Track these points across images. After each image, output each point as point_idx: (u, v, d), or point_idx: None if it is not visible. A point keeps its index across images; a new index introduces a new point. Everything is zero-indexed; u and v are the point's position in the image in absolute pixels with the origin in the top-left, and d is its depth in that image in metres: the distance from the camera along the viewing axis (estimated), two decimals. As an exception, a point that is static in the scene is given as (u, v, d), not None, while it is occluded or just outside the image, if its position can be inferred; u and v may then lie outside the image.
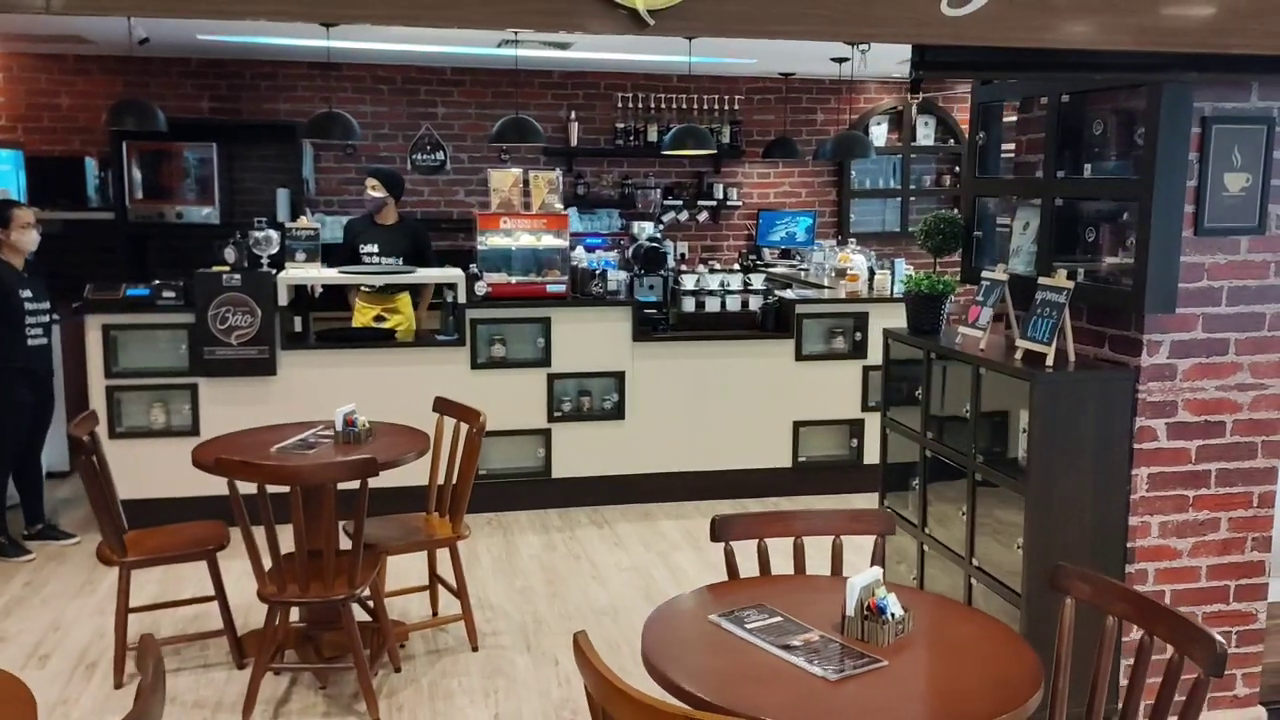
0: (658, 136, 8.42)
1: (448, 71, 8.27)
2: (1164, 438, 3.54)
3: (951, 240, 4.18)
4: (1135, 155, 3.45)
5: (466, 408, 4.40)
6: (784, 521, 3.13)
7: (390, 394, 5.74)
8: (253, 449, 4.08)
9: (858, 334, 6.48)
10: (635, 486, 6.31)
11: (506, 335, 6.13)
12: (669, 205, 8.51)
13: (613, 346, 6.19)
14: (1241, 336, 3.55)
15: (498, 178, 6.18)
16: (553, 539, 5.77)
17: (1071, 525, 3.47)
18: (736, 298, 6.47)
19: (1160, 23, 2.93)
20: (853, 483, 6.54)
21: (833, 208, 8.96)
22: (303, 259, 5.93)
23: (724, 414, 6.35)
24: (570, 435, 6.22)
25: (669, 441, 6.31)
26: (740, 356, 6.34)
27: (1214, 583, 3.66)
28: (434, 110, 8.30)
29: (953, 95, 9.01)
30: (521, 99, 8.31)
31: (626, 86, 8.46)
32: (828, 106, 8.84)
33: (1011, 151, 4.14)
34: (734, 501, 6.37)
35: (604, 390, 6.28)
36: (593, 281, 6.18)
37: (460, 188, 8.41)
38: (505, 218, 6.15)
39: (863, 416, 6.53)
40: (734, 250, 8.80)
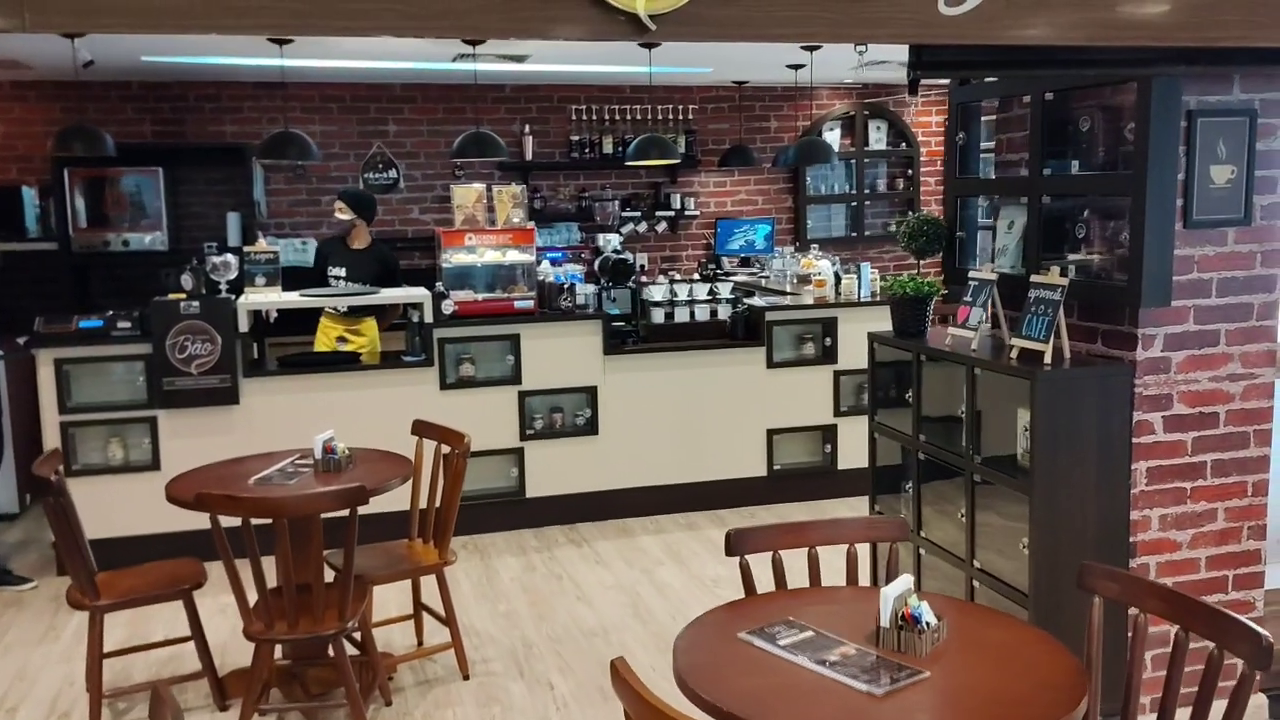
0: (613, 148, 8.36)
1: (397, 88, 8.13)
2: (1161, 431, 3.54)
3: (935, 242, 4.17)
4: (1124, 150, 3.46)
5: (448, 429, 4.28)
6: (798, 532, 3.07)
7: (360, 418, 5.60)
8: (230, 482, 3.93)
9: (827, 339, 6.47)
10: (611, 502, 6.22)
11: (475, 354, 6.01)
12: (627, 217, 8.44)
13: (583, 361, 6.10)
14: (1231, 327, 3.57)
15: (461, 194, 6.06)
16: (532, 560, 5.65)
17: (1075, 523, 3.46)
18: (705, 307, 6.42)
19: (1151, 18, 2.93)
20: (829, 489, 6.52)
21: (789, 214, 8.96)
22: (262, 283, 5.75)
23: (698, 425, 6.29)
24: (543, 453, 6.11)
25: (643, 455, 6.23)
26: (712, 366, 6.29)
27: (1213, 573, 3.68)
28: (385, 128, 8.15)
29: (904, 100, 9.08)
30: (474, 114, 8.19)
31: (580, 99, 8.39)
32: (781, 114, 8.85)
33: (992, 151, 4.14)
34: (711, 513, 6.32)
35: (576, 406, 6.18)
36: (561, 296, 6.09)
37: (414, 205, 8.27)
38: (470, 234, 6.03)
39: (835, 422, 6.52)
40: (693, 260, 8.76)
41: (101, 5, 2.19)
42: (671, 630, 4.68)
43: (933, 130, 9.21)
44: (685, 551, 5.69)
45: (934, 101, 9.17)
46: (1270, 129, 3.50)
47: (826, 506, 6.42)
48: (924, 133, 9.16)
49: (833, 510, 6.34)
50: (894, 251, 9.23)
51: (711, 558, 5.58)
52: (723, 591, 5.11)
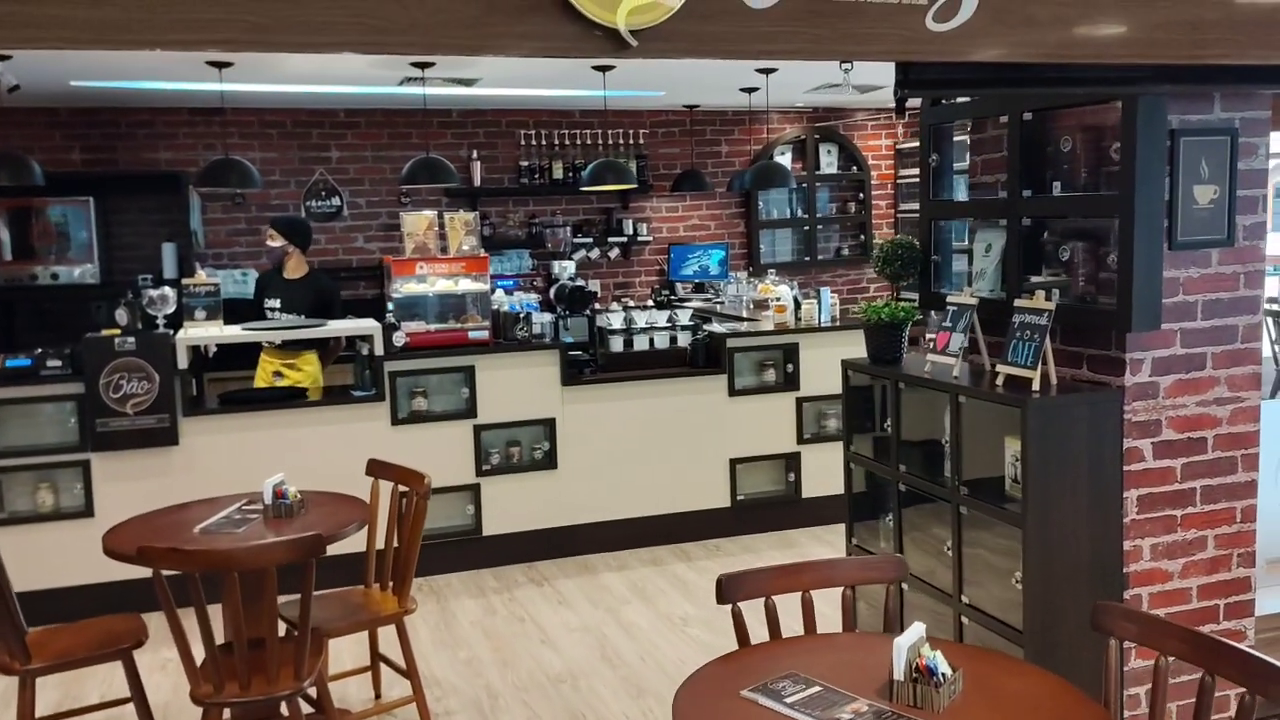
0: (564, 173, 8.20)
1: (340, 114, 7.90)
2: (1150, 458, 3.45)
3: (910, 266, 4.06)
4: (1108, 171, 3.38)
5: (406, 470, 4.06)
6: (791, 575, 2.90)
7: (309, 457, 5.35)
8: (173, 532, 3.66)
9: (789, 366, 6.35)
10: (571, 538, 6.01)
11: (428, 387, 5.78)
12: (579, 243, 8.28)
13: (541, 392, 5.91)
14: (1217, 350, 3.50)
15: (411, 221, 5.85)
16: (491, 602, 5.42)
17: (1069, 555, 3.34)
18: (664, 334, 6.27)
19: (1138, 34, 2.85)
20: (793, 518, 6.39)
21: (742, 239, 8.87)
22: (203, 317, 5.48)
23: (659, 456, 6.12)
24: (500, 489, 5.89)
25: (604, 489, 6.04)
26: (672, 395, 6.13)
27: (1204, 603, 3.58)
28: (327, 154, 7.90)
29: (853, 123, 9.06)
30: (420, 139, 7.99)
31: (529, 123, 8.23)
32: (732, 138, 8.77)
33: (965, 172, 4.05)
34: (675, 547, 6.14)
35: (534, 439, 5.98)
36: (517, 325, 5.89)
37: (359, 234, 8.02)
38: (421, 263, 5.81)
39: (799, 449, 6.39)
40: (646, 286, 8.61)
41: (38, 17, 1.97)
42: (642, 673, 4.50)
43: (882, 154, 9.19)
44: (651, 589, 5.50)
45: (883, 125, 9.16)
46: (1251, 148, 3.44)
47: (792, 537, 6.28)
48: (874, 156, 9.14)
49: (798, 541, 6.21)
50: (846, 275, 9.18)
51: (679, 595, 5.40)
52: (693, 631, 4.93)
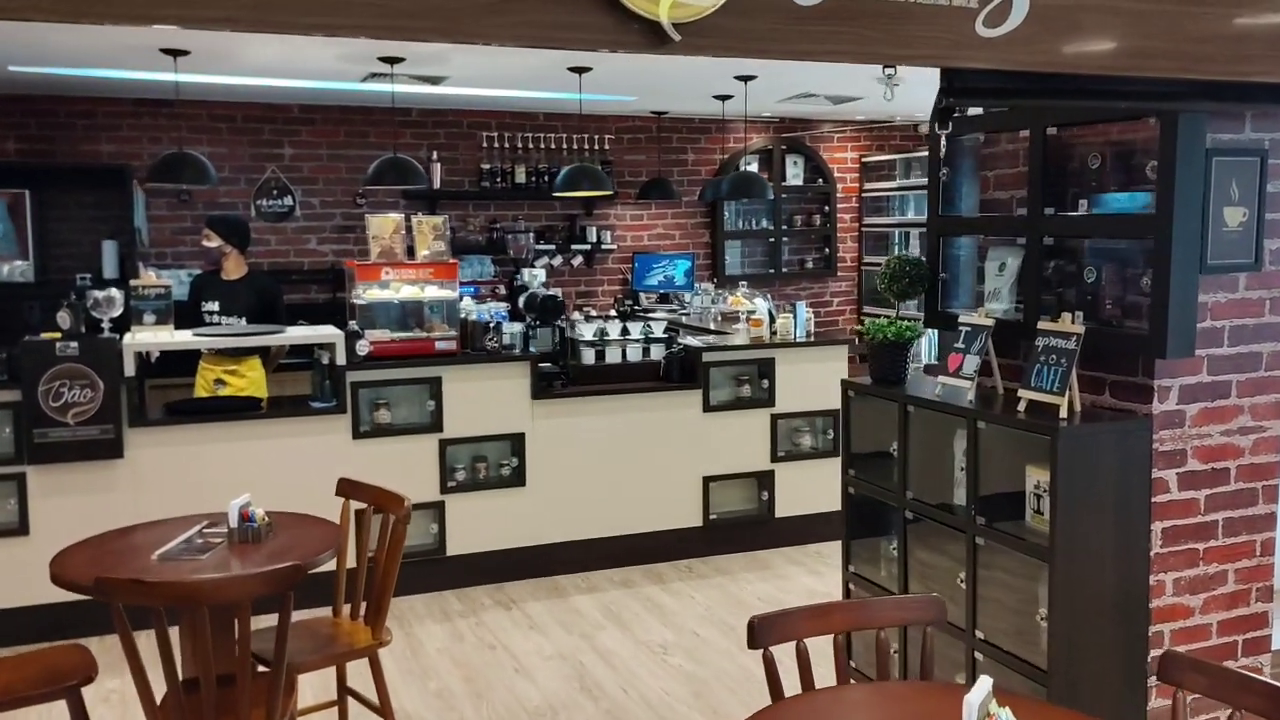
0: (527, 178, 7.95)
1: (295, 109, 7.55)
2: (1175, 489, 3.32)
3: (919, 284, 3.89)
4: (1137, 190, 3.24)
5: (383, 491, 3.78)
6: (824, 616, 2.69)
7: (265, 472, 5.04)
8: (128, 557, 3.35)
9: (764, 381, 6.17)
10: (540, 558, 5.76)
11: (392, 399, 5.49)
12: (542, 250, 8.02)
13: (510, 406, 5.65)
14: (1242, 378, 3.38)
15: (377, 224, 5.55)
16: (458, 627, 5.14)
17: (1095, 590, 3.19)
18: (637, 347, 6.04)
19: (1184, 48, 2.72)
20: (766, 538, 6.21)
21: (706, 249, 8.69)
22: (152, 321, 5.12)
23: (631, 473, 5.89)
24: (466, 507, 5.62)
25: (574, 507, 5.80)
26: (646, 410, 5.91)
27: (1224, 639, 3.47)
28: (280, 151, 7.55)
29: (820, 135, 8.94)
30: (378, 139, 7.69)
31: (491, 125, 7.96)
32: (699, 146, 8.59)
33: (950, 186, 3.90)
34: (646, 568, 5.92)
35: (501, 454, 5.71)
36: (486, 335, 5.62)
37: (312, 235, 7.67)
38: (387, 268, 5.52)
39: (773, 468, 6.21)
40: (609, 296, 8.38)
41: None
42: (625, 706, 4.26)
43: (847, 167, 9.09)
44: (626, 613, 5.27)
45: (849, 138, 9.06)
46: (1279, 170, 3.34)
47: (765, 558, 6.09)
48: (839, 169, 9.03)
49: (772, 562, 6.03)
50: (811, 288, 9.06)
51: (655, 620, 5.18)
52: (674, 660, 4.71)
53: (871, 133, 9.08)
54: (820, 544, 6.32)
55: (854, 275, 9.20)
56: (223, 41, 5.09)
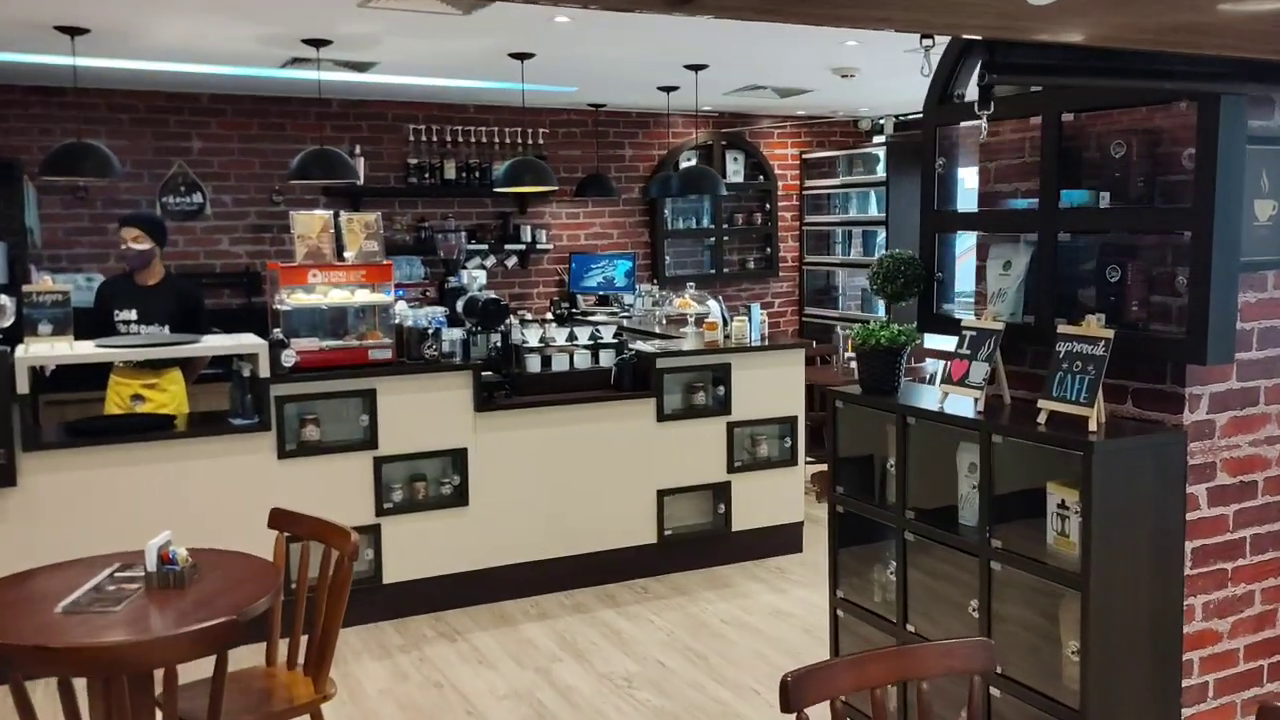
0: (457, 174, 7.49)
1: (203, 98, 6.97)
2: (1205, 505, 3.07)
3: (914, 284, 3.58)
4: (1167, 180, 2.98)
5: (327, 524, 3.33)
6: (860, 668, 2.34)
7: (181, 500, 4.55)
8: (25, 612, 2.85)
9: (720, 388, 5.83)
10: (485, 583, 5.33)
11: (321, 414, 5.00)
12: (473, 250, 7.57)
13: (451, 419, 5.21)
14: (1270, 384, 3.14)
15: (303, 222, 5.06)
16: (399, 664, 4.69)
17: (1130, 620, 2.91)
18: (586, 354, 5.65)
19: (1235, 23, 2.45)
20: (722, 554, 5.88)
21: (645, 249, 8.33)
22: (49, 331, 4.56)
23: (582, 488, 5.50)
24: (404, 529, 5.16)
25: (520, 526, 5.38)
26: (597, 421, 5.52)
27: (1250, 664, 3.22)
28: (188, 144, 6.97)
29: (760, 130, 8.65)
30: (296, 131, 7.16)
31: (418, 118, 7.48)
32: (636, 141, 8.23)
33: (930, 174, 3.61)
34: (599, 590, 5.53)
35: (442, 472, 5.27)
36: (425, 343, 5.18)
37: (224, 235, 7.10)
38: (315, 270, 5.03)
39: (729, 479, 5.88)
40: (545, 298, 7.97)
41: None
42: (602, 756, 3.88)
43: (788, 164, 8.83)
44: (582, 642, 4.87)
45: (789, 134, 8.79)
46: (1307, 161, 3.10)
47: (723, 574, 5.76)
48: (780, 166, 8.76)
49: (731, 579, 5.69)
50: (752, 289, 8.77)
51: (615, 649, 4.79)
52: (641, 695, 4.33)
53: (812, 128, 8.84)
54: (779, 558, 6.01)
55: (795, 275, 8.94)
56: (126, 16, 4.56)
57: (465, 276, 5.72)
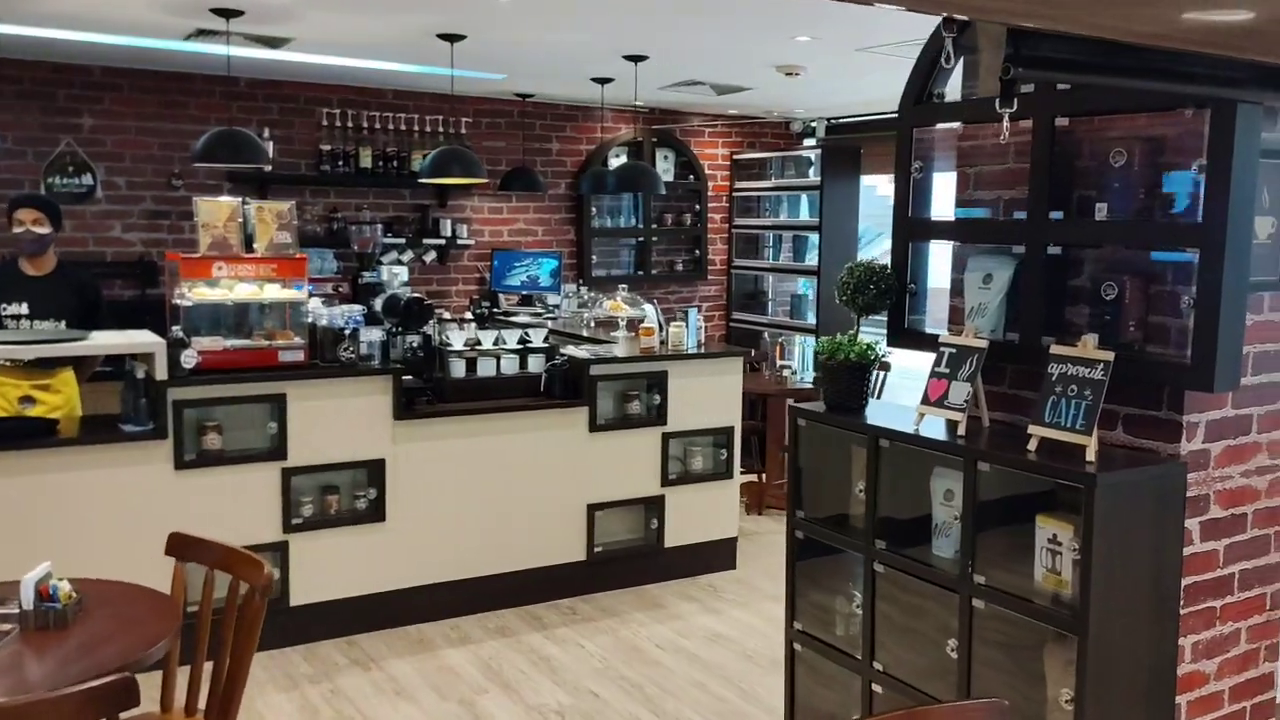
0: (373, 162, 7.05)
1: (96, 71, 6.41)
2: (1198, 540, 2.88)
3: (886, 296, 3.34)
4: (1167, 194, 2.78)
5: (236, 553, 2.94)
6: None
7: (64, 520, 4.09)
8: None
9: (656, 396, 5.54)
10: (401, 605, 4.94)
11: (225, 420, 4.56)
12: (389, 244, 7.14)
13: (368, 428, 4.81)
14: (1262, 411, 2.98)
15: (208, 210, 4.60)
16: (308, 696, 4.28)
17: (1128, 663, 2.71)
18: (514, 359, 5.30)
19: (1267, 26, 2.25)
20: (654, 571, 5.59)
21: (571, 248, 7.98)
22: (-89, 324, 4.03)
23: (507, 503, 5.15)
24: (314, 547, 4.74)
25: (441, 544, 5.01)
26: (525, 431, 5.18)
27: (1234, 706, 3.06)
28: (78, 121, 6.39)
29: (690, 129, 8.39)
30: (199, 111, 6.64)
31: (332, 101, 7.01)
32: (564, 135, 7.88)
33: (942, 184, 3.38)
34: (524, 610, 5.19)
35: (357, 485, 4.87)
36: (341, 345, 4.77)
37: (116, 221, 6.54)
38: (221, 262, 4.58)
39: (662, 492, 5.59)
40: (465, 296, 7.57)
41: None
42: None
43: (719, 164, 8.58)
44: (508, 670, 4.53)
45: (720, 133, 8.55)
46: (1304, 176, 2.94)
47: (654, 594, 5.47)
48: (710, 166, 8.51)
49: (662, 599, 5.41)
50: (679, 292, 8.50)
51: (544, 677, 4.46)
52: (578, 730, 4.02)
53: (743, 129, 8.61)
54: (711, 575, 5.75)
55: (724, 279, 8.70)
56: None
57: (384, 272, 5.32)
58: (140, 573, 3.53)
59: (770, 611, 5.23)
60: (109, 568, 3.92)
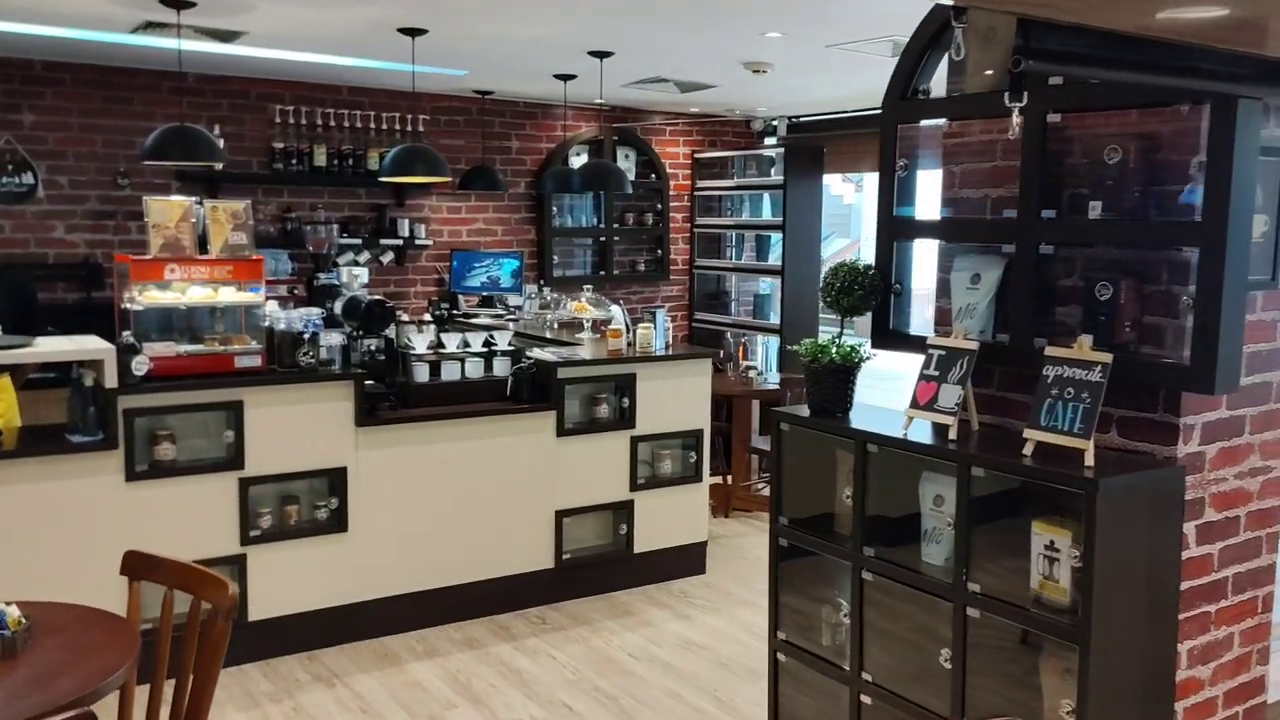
0: (327, 161, 6.86)
1: (37, 66, 6.15)
2: (1194, 544, 2.83)
3: (871, 297, 3.26)
4: (1164, 191, 2.72)
5: (198, 571, 2.78)
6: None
7: (9, 538, 3.90)
8: None
9: (624, 400, 5.42)
10: (365, 617, 4.78)
11: (178, 429, 4.37)
12: (345, 244, 6.94)
13: (329, 435, 4.64)
14: (1254, 412, 2.94)
15: (159, 210, 4.40)
16: (269, 715, 4.11)
17: (1126, 674, 2.65)
18: (478, 362, 5.15)
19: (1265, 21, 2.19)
20: (623, 577, 5.48)
21: (531, 248, 7.84)
22: None
23: (474, 511, 5.01)
24: (274, 559, 4.57)
25: (405, 553, 4.85)
26: (492, 436, 5.04)
27: (1228, 711, 3.02)
28: (17, 117, 6.13)
29: (651, 126, 8.28)
30: (144, 107, 6.40)
31: (285, 98, 6.80)
32: (523, 133, 7.73)
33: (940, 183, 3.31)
34: (491, 621, 5.05)
35: (318, 494, 4.70)
36: (300, 350, 4.59)
37: (59, 221, 6.28)
38: (173, 264, 4.39)
39: (632, 497, 5.48)
40: (423, 297, 7.40)
41: None
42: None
43: (680, 163, 8.48)
44: (478, 684, 4.39)
45: (681, 131, 8.45)
46: (1296, 174, 2.91)
47: (625, 601, 5.36)
48: (671, 164, 8.41)
49: (633, 605, 5.29)
50: (641, 292, 8.39)
51: (515, 690, 4.33)
52: (553, 746, 3.89)
53: (704, 127, 8.52)
54: (681, 580, 5.65)
55: (685, 279, 8.60)
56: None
57: (344, 274, 5.15)
58: (92, 592, 3.37)
59: (743, 617, 5.15)
60: (58, 588, 3.76)
